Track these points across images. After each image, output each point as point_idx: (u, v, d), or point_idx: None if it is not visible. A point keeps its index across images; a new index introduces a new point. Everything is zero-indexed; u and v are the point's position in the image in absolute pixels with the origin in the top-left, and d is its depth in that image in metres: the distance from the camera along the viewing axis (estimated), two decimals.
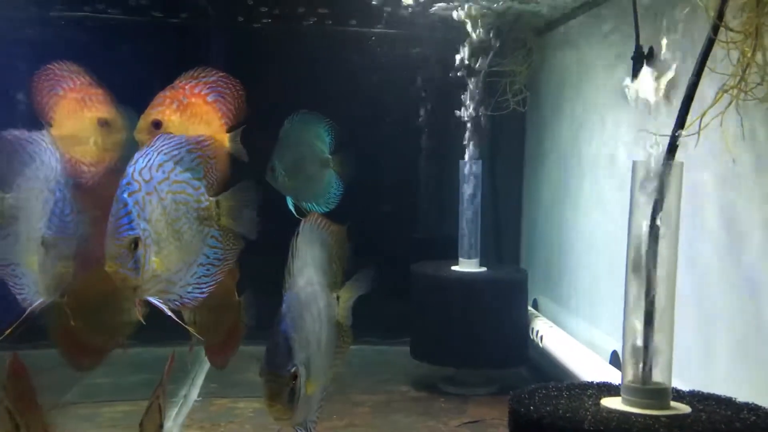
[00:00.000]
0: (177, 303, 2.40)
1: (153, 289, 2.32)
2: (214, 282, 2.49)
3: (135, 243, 2.23)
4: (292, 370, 1.99)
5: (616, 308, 2.28)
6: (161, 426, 2.38)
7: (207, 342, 2.90)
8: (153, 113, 2.70)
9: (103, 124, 2.77)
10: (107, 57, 5.06)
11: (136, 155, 2.34)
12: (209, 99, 2.80)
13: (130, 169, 2.30)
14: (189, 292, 2.44)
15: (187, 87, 2.76)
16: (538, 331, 4.57)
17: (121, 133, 2.78)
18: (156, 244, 2.29)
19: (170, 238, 2.35)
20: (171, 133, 2.57)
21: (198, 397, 4.31)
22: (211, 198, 2.49)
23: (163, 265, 2.31)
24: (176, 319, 2.44)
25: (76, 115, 2.73)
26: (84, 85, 2.77)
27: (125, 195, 2.25)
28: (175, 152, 2.39)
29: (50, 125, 2.72)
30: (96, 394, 4.22)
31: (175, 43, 5.30)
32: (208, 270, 2.49)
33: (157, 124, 2.70)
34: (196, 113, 2.75)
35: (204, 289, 2.47)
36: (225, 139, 2.82)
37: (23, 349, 2.44)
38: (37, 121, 2.74)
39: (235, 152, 2.84)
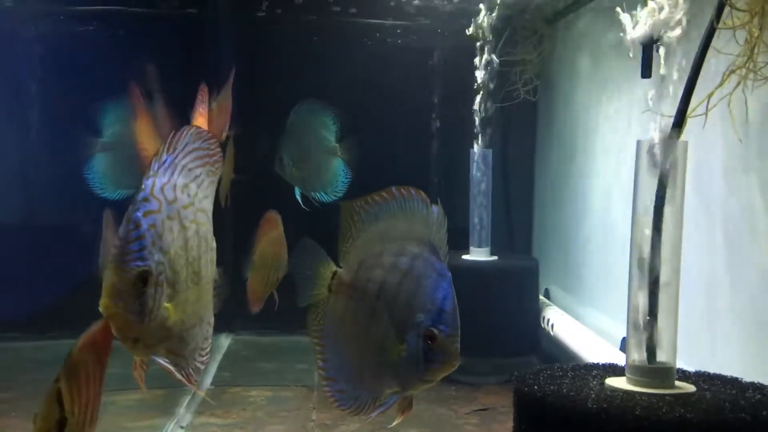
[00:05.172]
0: (183, 373, 1.86)
1: (160, 346, 1.79)
2: (210, 349, 1.95)
3: (144, 279, 1.69)
4: None
5: (626, 296, 2.27)
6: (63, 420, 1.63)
7: (256, 289, 3.03)
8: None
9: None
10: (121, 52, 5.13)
11: (155, 165, 1.80)
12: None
13: (148, 183, 1.76)
14: (194, 359, 1.90)
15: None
16: (549, 320, 4.56)
17: None
18: (171, 286, 1.76)
19: (189, 282, 1.82)
20: None
21: (210, 385, 4.35)
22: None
23: (177, 315, 1.77)
24: (186, 382, 1.90)
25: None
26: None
27: (139, 214, 1.72)
28: (198, 171, 1.88)
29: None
30: (109, 383, 4.26)
31: (183, 35, 5.34)
32: (207, 331, 1.95)
33: None
34: None
35: (204, 358, 1.93)
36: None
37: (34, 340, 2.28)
38: None
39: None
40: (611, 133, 4.21)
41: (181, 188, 1.81)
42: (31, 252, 5.25)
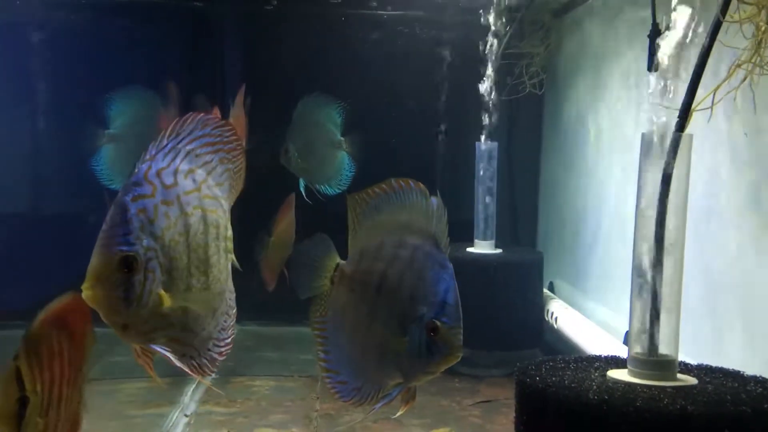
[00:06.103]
0: (194, 363, 1.83)
1: (157, 333, 1.73)
2: (230, 340, 1.92)
3: (129, 264, 1.63)
4: None
5: (629, 290, 2.27)
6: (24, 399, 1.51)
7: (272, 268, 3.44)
8: None
9: None
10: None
11: (152, 149, 1.75)
12: None
13: (143, 167, 1.72)
14: (209, 350, 1.86)
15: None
16: (552, 313, 4.56)
17: None
18: (166, 272, 1.69)
19: (192, 269, 1.76)
20: None
21: (215, 374, 4.37)
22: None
23: (174, 303, 1.71)
24: (191, 372, 1.85)
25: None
26: None
27: (127, 198, 1.67)
28: (209, 157, 1.83)
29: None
30: (115, 371, 4.30)
31: (189, 27, 5.35)
32: (225, 321, 1.92)
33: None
34: None
35: (223, 349, 1.90)
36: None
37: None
38: None
39: None
40: (617, 127, 4.20)
41: (184, 173, 1.75)
42: (36, 240, 5.29)
